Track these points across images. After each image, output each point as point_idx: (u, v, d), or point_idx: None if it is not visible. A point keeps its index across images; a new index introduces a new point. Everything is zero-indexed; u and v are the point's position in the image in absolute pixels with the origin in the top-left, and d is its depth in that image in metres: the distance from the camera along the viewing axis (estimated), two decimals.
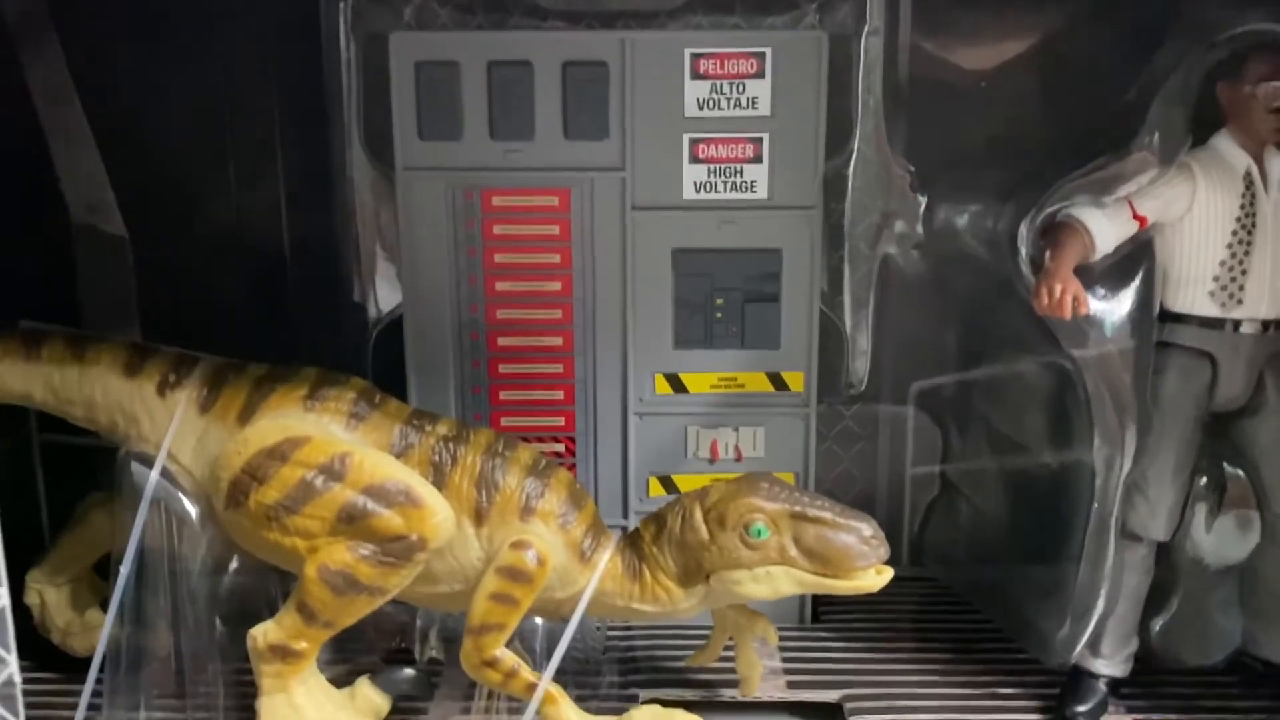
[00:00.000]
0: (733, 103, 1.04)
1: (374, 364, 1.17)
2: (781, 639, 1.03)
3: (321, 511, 0.86)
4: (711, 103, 1.04)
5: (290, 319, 1.18)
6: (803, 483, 1.13)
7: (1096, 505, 0.94)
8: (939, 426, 1.23)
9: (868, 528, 0.87)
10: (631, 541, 0.94)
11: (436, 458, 0.89)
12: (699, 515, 0.89)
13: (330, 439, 0.89)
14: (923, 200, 1.12)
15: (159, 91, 1.12)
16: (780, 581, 0.88)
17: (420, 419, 0.93)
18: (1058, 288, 0.85)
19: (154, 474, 0.90)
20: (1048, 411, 1.05)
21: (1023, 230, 0.92)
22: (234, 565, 0.97)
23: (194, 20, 1.09)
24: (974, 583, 1.19)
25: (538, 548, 0.89)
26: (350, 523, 0.86)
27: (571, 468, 1.14)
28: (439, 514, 0.87)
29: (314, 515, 0.86)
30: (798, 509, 0.87)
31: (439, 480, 0.88)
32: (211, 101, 1.14)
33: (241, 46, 1.12)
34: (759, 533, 0.87)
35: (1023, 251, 0.93)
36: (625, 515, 1.12)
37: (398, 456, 0.90)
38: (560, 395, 1.11)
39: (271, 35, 1.13)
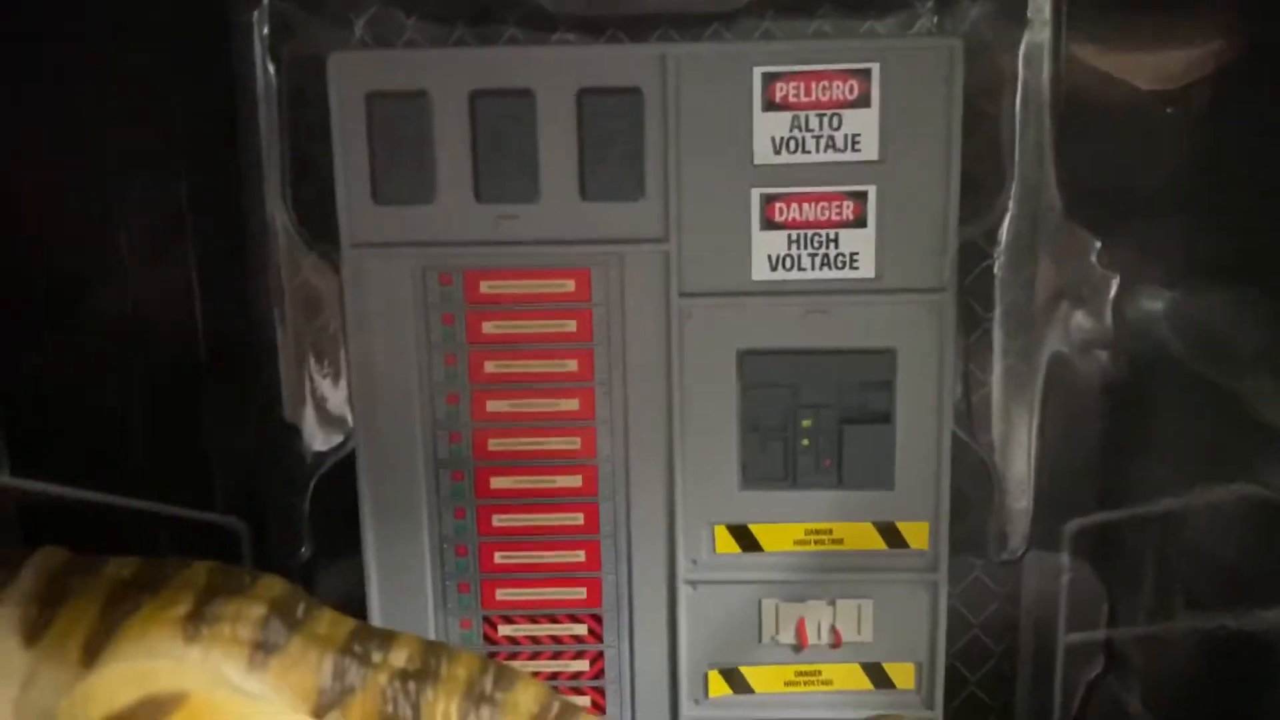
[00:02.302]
0: (824, 143, 0.79)
1: (313, 513, 0.88)
2: None
3: None
4: (793, 143, 0.80)
5: (204, 444, 0.90)
6: (927, 676, 0.86)
7: None
8: (1104, 580, 0.93)
9: None
10: None
11: (391, 708, 0.63)
12: None
13: (218, 697, 0.58)
14: (1114, 280, 0.78)
15: (27, 145, 0.82)
16: None
17: (365, 642, 0.65)
18: None
19: None
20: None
21: None
22: None
23: (66, 45, 0.78)
24: None
25: None
26: None
27: (597, 657, 0.88)
28: None
29: None
30: None
31: None
32: (97, 155, 0.85)
33: (129, 82, 0.83)
34: None
35: None
36: None
37: (329, 709, 0.61)
38: (580, 556, 0.87)
39: (169, 64, 0.83)
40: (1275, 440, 0.72)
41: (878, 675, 0.85)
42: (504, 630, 0.86)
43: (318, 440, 0.86)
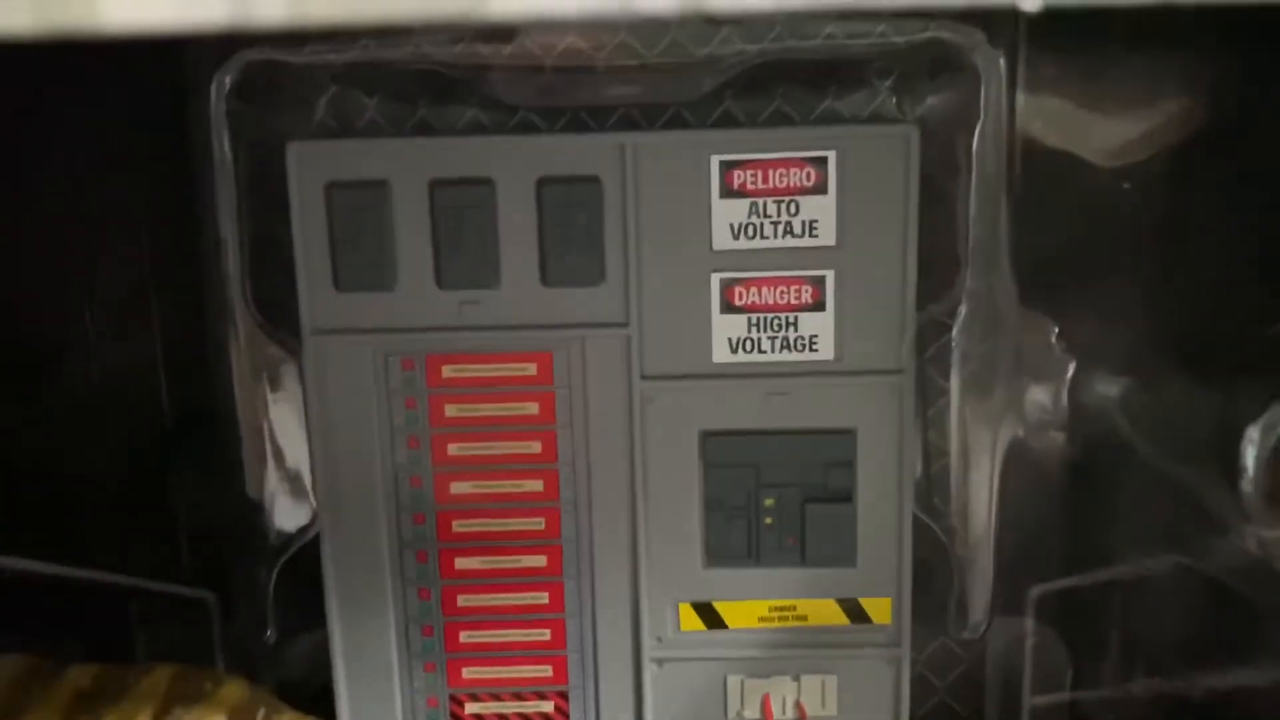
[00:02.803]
0: (782, 229, 0.79)
1: (280, 592, 0.87)
2: None
3: None
4: (751, 229, 0.79)
5: (172, 517, 0.89)
6: None
7: None
8: (1068, 644, 0.93)
9: None
10: None
11: None
12: None
13: None
14: (1071, 364, 0.79)
15: None
16: None
17: None
18: None
19: None
20: (1225, 624, 0.79)
21: (1252, 434, 0.61)
22: None
23: (33, 126, 0.78)
24: None
25: None
26: None
27: None
28: None
29: None
30: None
31: None
32: (62, 232, 0.84)
33: (95, 161, 0.82)
34: None
35: (1249, 465, 0.61)
36: None
37: None
38: (545, 635, 0.87)
39: (133, 145, 0.83)
40: (1213, 523, 0.73)
41: None
42: (471, 709, 0.85)
43: (283, 519, 0.85)
